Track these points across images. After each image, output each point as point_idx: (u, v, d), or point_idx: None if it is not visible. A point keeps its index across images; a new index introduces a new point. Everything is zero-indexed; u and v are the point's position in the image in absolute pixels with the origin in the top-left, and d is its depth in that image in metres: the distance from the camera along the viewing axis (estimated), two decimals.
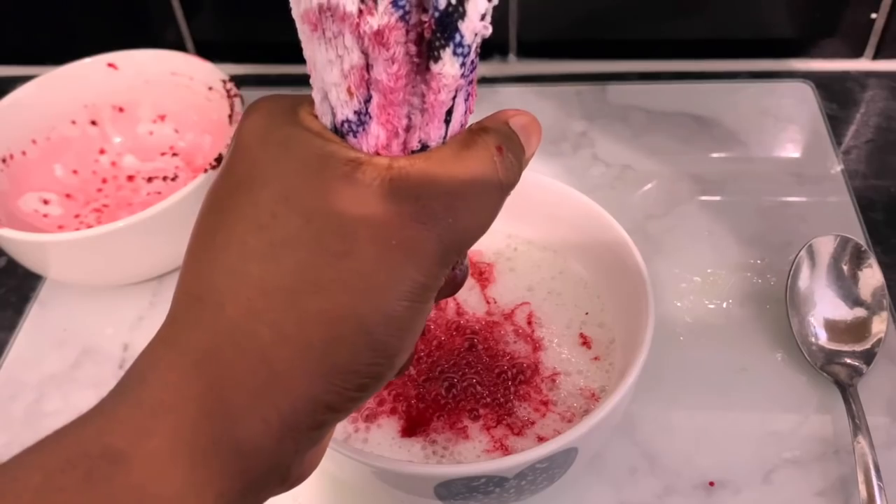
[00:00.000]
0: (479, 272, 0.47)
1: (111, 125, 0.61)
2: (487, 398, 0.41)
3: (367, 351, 0.22)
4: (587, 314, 0.44)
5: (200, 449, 0.21)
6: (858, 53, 0.66)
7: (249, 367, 0.22)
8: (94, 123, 0.61)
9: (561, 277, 0.46)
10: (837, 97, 0.64)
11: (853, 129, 0.62)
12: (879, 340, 0.46)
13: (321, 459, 0.26)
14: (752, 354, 0.48)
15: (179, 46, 0.68)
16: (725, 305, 0.50)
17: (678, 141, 0.61)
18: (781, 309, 0.48)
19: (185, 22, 0.68)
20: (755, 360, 0.48)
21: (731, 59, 0.67)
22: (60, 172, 0.59)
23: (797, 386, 0.46)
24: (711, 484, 0.43)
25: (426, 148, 0.24)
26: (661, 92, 0.65)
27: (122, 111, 0.61)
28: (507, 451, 0.39)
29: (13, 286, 0.56)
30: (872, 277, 0.47)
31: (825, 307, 0.47)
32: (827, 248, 0.48)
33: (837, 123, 0.62)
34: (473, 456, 0.39)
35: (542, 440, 0.39)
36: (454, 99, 0.23)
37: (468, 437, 0.40)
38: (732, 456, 0.43)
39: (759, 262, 0.52)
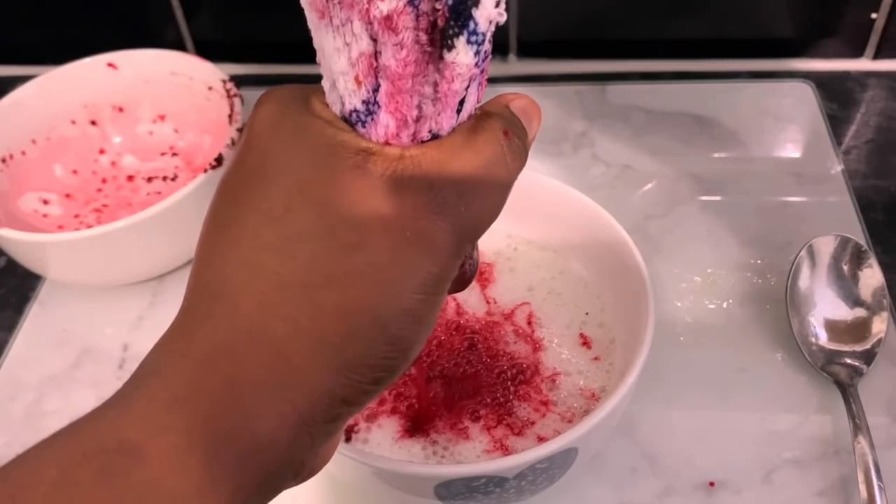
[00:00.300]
0: (479, 272, 0.47)
1: (111, 125, 0.61)
2: (487, 398, 0.41)
3: (382, 344, 0.22)
4: (587, 314, 0.44)
5: (216, 443, 0.21)
6: (858, 53, 0.66)
7: (264, 360, 0.22)
8: (93, 123, 0.61)
9: (561, 277, 0.46)
10: (837, 97, 0.64)
11: (853, 129, 0.62)
12: (880, 340, 0.46)
13: (334, 453, 0.26)
14: (752, 354, 0.48)
15: (179, 46, 0.68)
16: (725, 305, 0.50)
17: (678, 141, 0.61)
18: (781, 309, 0.48)
19: (184, 22, 0.68)
20: (755, 360, 0.47)
21: (731, 59, 0.67)
22: (60, 172, 0.59)
23: (797, 386, 0.46)
24: (711, 484, 0.42)
25: (436, 138, 0.24)
26: (661, 92, 0.65)
27: (121, 111, 0.61)
28: (507, 451, 0.39)
29: (13, 286, 0.56)
30: (872, 277, 0.47)
31: (825, 307, 0.47)
32: (827, 248, 0.48)
33: (837, 123, 0.62)
34: (473, 456, 0.39)
35: (542, 440, 0.39)
36: (467, 88, 0.23)
37: (468, 437, 0.40)
38: (732, 456, 0.43)
39: (759, 262, 0.52)
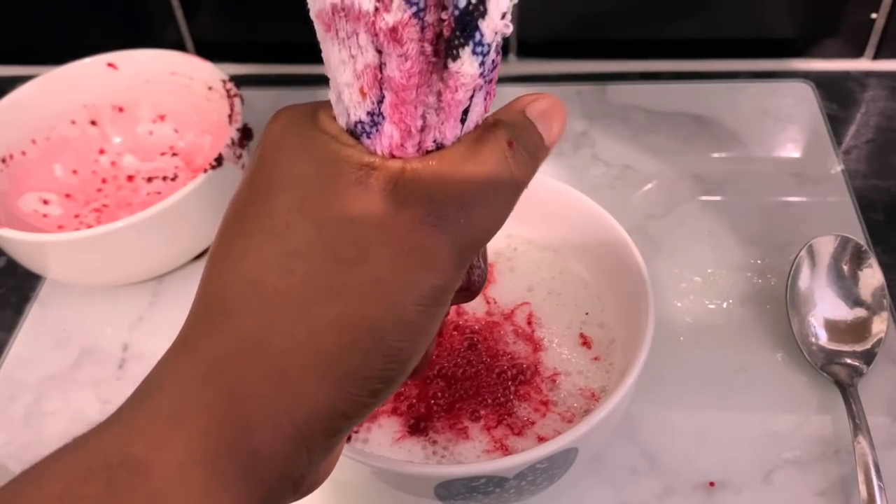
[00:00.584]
0: None
1: (111, 125, 0.61)
2: (488, 398, 0.41)
3: (380, 356, 0.22)
4: (587, 314, 0.44)
5: (216, 457, 0.21)
6: (858, 53, 0.66)
7: (263, 375, 0.22)
8: (93, 123, 0.61)
9: (561, 277, 0.46)
10: (837, 97, 0.64)
11: (853, 129, 0.62)
12: (880, 340, 0.46)
13: (334, 467, 0.26)
14: (752, 354, 0.48)
15: (179, 46, 0.68)
16: (726, 305, 0.50)
17: (678, 141, 0.61)
18: (781, 309, 0.48)
19: (184, 22, 0.68)
20: (755, 360, 0.47)
21: (731, 59, 0.67)
22: (60, 172, 0.59)
23: (797, 386, 0.46)
24: (712, 484, 0.42)
25: (441, 147, 0.24)
26: (661, 92, 0.65)
27: (121, 111, 0.61)
28: (507, 451, 0.39)
29: (13, 286, 0.56)
30: (872, 277, 0.47)
31: (825, 307, 0.47)
32: (827, 248, 0.48)
33: (838, 123, 0.62)
34: (473, 456, 0.39)
35: (542, 440, 0.39)
36: (472, 98, 0.23)
37: (468, 437, 0.40)
38: (732, 456, 0.43)
39: (759, 262, 0.52)
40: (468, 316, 0.45)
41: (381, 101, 0.23)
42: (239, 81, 0.57)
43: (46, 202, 0.57)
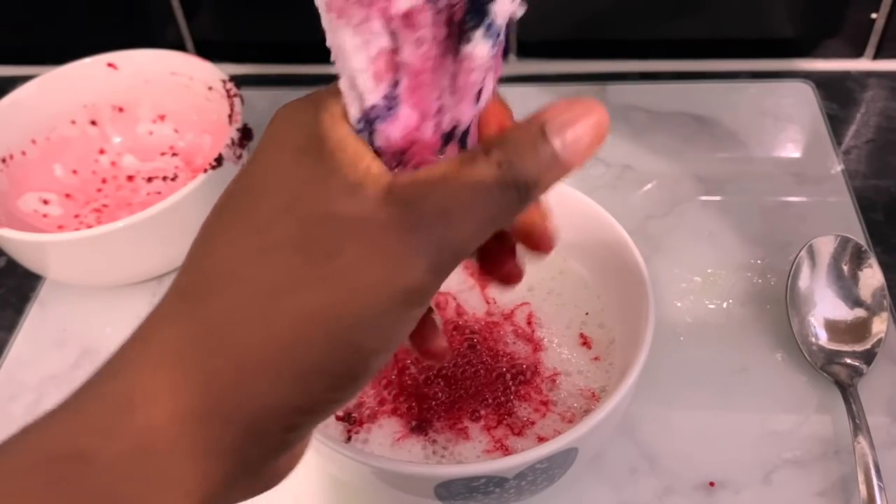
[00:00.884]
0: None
1: (111, 125, 0.61)
2: (488, 398, 0.41)
3: (341, 351, 0.22)
4: (587, 314, 0.44)
5: (165, 450, 0.21)
6: (859, 53, 0.66)
7: (217, 366, 0.22)
8: (93, 123, 0.61)
9: (561, 277, 0.46)
10: (838, 97, 0.64)
11: (853, 129, 0.62)
12: (880, 340, 0.46)
13: (298, 462, 0.26)
14: (752, 354, 0.48)
15: (179, 46, 0.68)
16: (726, 305, 0.50)
17: (678, 141, 0.61)
18: (781, 309, 0.48)
19: (184, 22, 0.68)
20: (755, 360, 0.47)
21: (731, 59, 0.67)
22: (60, 172, 0.59)
23: (797, 386, 0.46)
24: (712, 484, 0.42)
25: (457, 128, 0.24)
26: (661, 92, 0.65)
27: (121, 111, 0.61)
28: (507, 451, 0.39)
29: (13, 286, 0.56)
30: (872, 277, 0.47)
31: (825, 307, 0.47)
32: (827, 248, 0.48)
33: (838, 123, 0.62)
34: (473, 456, 0.39)
35: (542, 440, 0.39)
36: (484, 79, 0.23)
37: (468, 437, 0.40)
38: (732, 456, 0.43)
39: (759, 262, 0.52)
40: (468, 316, 0.45)
41: (396, 84, 0.23)
42: (239, 81, 0.57)
43: (46, 202, 0.57)
